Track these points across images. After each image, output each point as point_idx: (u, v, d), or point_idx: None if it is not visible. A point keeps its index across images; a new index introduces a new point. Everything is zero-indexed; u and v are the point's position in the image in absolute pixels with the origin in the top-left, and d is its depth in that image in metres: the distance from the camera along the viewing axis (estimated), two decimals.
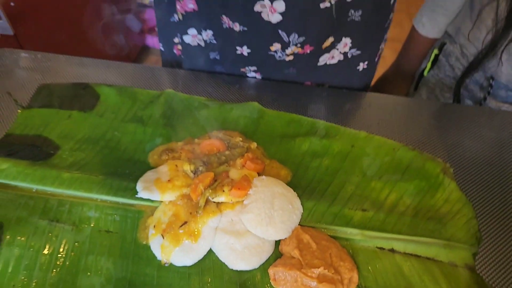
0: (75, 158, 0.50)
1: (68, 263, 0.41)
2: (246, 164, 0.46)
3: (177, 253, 0.41)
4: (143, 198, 0.45)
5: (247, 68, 0.63)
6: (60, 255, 0.42)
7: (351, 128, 0.53)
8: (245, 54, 0.59)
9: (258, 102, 0.56)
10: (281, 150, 0.51)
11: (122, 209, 0.45)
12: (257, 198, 0.42)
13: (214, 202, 0.43)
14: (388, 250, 0.42)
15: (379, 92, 0.64)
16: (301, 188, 0.46)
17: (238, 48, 0.58)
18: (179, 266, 0.41)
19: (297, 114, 0.55)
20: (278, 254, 0.42)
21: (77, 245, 0.43)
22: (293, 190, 0.45)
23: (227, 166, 0.46)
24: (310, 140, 0.51)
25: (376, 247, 0.42)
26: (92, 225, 0.44)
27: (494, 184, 0.49)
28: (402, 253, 0.41)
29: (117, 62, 0.66)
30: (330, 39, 0.56)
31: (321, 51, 0.58)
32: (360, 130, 0.52)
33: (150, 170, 0.48)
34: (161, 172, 0.47)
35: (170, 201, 0.44)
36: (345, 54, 0.59)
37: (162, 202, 0.44)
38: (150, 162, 0.50)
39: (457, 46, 0.69)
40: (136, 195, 0.45)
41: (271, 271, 0.39)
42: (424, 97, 0.77)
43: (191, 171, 0.45)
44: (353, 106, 0.58)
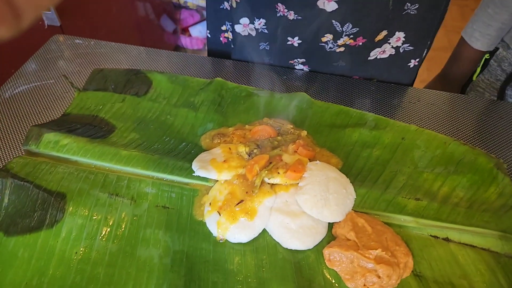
0: (131, 138, 0.53)
1: (127, 235, 0.43)
2: (298, 150, 0.47)
3: (233, 230, 0.42)
4: (199, 176, 0.46)
5: (296, 60, 0.64)
6: (119, 227, 0.43)
7: (400, 121, 0.53)
8: (295, 45, 0.60)
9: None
10: (330, 139, 0.52)
11: (177, 186, 0.47)
12: (312, 180, 0.43)
13: (268, 184, 0.45)
14: (442, 238, 0.42)
15: None
16: (352, 175, 0.47)
17: (289, 38, 0.60)
18: (234, 243, 0.42)
19: (344, 105, 0.56)
20: (331, 237, 0.42)
21: (135, 218, 0.44)
22: (345, 176, 0.46)
23: (280, 151, 0.47)
24: (359, 131, 0.52)
25: (430, 235, 0.42)
26: (149, 200, 0.46)
27: None
28: (456, 242, 0.41)
29: (166, 51, 0.68)
30: (384, 32, 0.57)
31: (373, 45, 0.59)
32: (409, 123, 0.53)
33: (203, 152, 0.50)
34: (215, 153, 0.48)
35: (226, 180, 0.45)
36: (397, 48, 0.60)
37: (218, 181, 0.46)
38: (202, 144, 0.52)
39: (510, 52, 0.68)
40: (192, 174, 0.47)
41: (326, 252, 0.40)
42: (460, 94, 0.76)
43: (246, 153, 0.46)
44: (401, 101, 0.58)
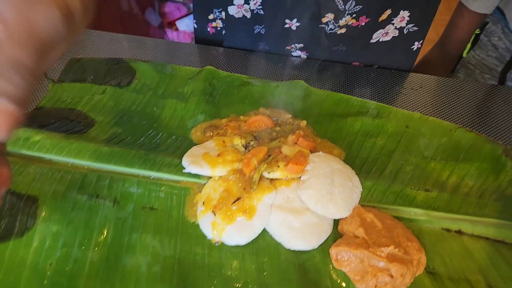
0: (113, 132, 0.47)
1: (110, 241, 0.38)
2: (298, 141, 0.44)
3: (229, 231, 0.38)
4: (190, 174, 0.42)
5: (293, 46, 0.60)
6: (101, 233, 0.39)
7: (403, 109, 0.50)
8: (293, 28, 0.56)
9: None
10: (331, 129, 0.48)
11: (166, 185, 0.42)
12: (316, 173, 0.39)
13: (267, 179, 0.41)
14: (455, 231, 0.39)
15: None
16: (356, 167, 0.43)
17: (287, 21, 0.56)
18: (232, 246, 0.38)
19: (344, 94, 0.52)
20: (337, 234, 0.39)
21: (119, 222, 0.39)
22: (350, 168, 0.42)
23: (279, 142, 0.43)
24: (361, 119, 0.48)
25: (442, 228, 0.39)
26: (135, 201, 0.41)
27: None
28: (470, 234, 0.39)
29: (151, 39, 0.63)
30: (388, 11, 0.54)
31: (376, 26, 0.55)
32: (412, 111, 0.50)
33: (194, 146, 0.45)
34: (208, 147, 0.44)
35: (221, 176, 0.41)
36: (400, 30, 0.57)
37: (211, 177, 0.41)
38: (193, 138, 0.47)
39: (499, 26, 0.66)
40: (183, 171, 0.42)
41: (333, 251, 0.36)
42: (461, 79, 0.74)
43: (242, 145, 0.42)
44: (403, 87, 0.55)
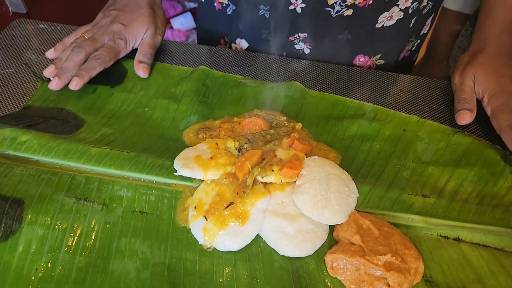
0: (103, 133, 0.46)
1: (98, 246, 0.37)
2: (293, 144, 0.43)
3: (222, 236, 0.36)
4: (182, 176, 0.41)
5: (297, 36, 0.59)
6: (89, 237, 0.37)
7: (400, 112, 0.49)
8: (298, 10, 0.55)
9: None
10: (327, 132, 0.47)
11: (157, 188, 0.41)
12: (311, 178, 0.38)
13: (261, 183, 0.40)
14: (453, 239, 0.38)
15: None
16: (352, 171, 0.42)
17: (292, 1, 0.54)
18: (224, 252, 0.37)
19: (340, 96, 0.51)
20: (332, 241, 0.38)
21: (108, 226, 0.38)
22: (346, 172, 0.41)
23: (273, 146, 0.42)
24: (358, 122, 0.47)
25: (439, 236, 0.38)
26: (124, 205, 0.40)
27: None
28: (468, 242, 0.38)
29: None
30: None
31: (382, 6, 0.54)
32: (409, 114, 0.49)
33: (186, 148, 0.44)
34: (200, 149, 0.43)
35: (213, 180, 0.40)
36: (405, 10, 0.55)
37: (204, 181, 0.40)
38: (185, 140, 0.46)
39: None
40: (174, 174, 0.41)
41: (329, 258, 0.35)
42: None
43: (236, 148, 0.41)
44: (400, 90, 0.54)
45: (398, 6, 0.55)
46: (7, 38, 0.61)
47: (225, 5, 0.64)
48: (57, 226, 0.38)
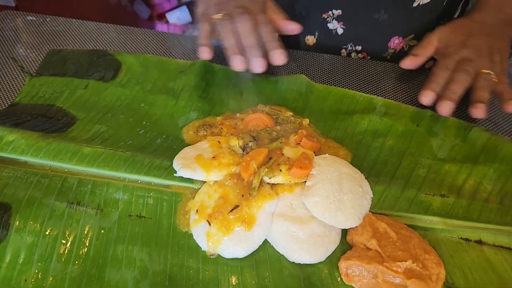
0: (96, 131, 0.43)
1: (92, 254, 0.34)
2: (301, 141, 0.40)
3: (226, 242, 0.34)
4: (182, 178, 0.38)
5: (330, 13, 0.55)
6: (82, 244, 0.34)
7: (412, 106, 0.47)
8: None
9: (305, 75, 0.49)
10: (335, 128, 0.44)
11: (156, 190, 0.38)
12: (323, 178, 0.35)
13: (268, 184, 0.37)
14: (475, 241, 0.36)
15: None
16: (364, 170, 0.39)
17: None
18: (229, 259, 0.34)
19: (349, 89, 0.48)
20: (345, 245, 0.35)
21: (103, 232, 0.35)
22: (359, 171, 0.39)
23: (280, 143, 0.39)
24: (369, 117, 0.45)
25: (460, 238, 0.36)
26: (120, 208, 0.37)
27: None
28: (491, 245, 0.35)
29: (139, 29, 0.58)
30: None
31: None
32: (421, 108, 0.46)
33: (186, 147, 0.41)
34: (201, 148, 0.40)
35: (216, 181, 0.37)
36: None
37: (206, 182, 0.37)
38: (185, 138, 0.43)
39: None
40: (173, 175, 0.38)
41: (343, 265, 0.33)
42: None
43: (240, 147, 0.38)
44: (411, 83, 0.51)
45: None
46: None
47: None
48: (47, 233, 0.35)
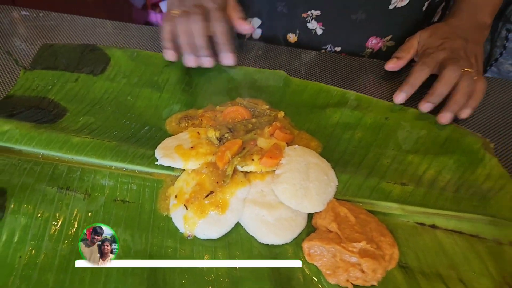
0: (85, 122, 0.46)
1: (80, 234, 0.37)
2: (275, 133, 0.43)
3: (201, 225, 0.37)
4: (163, 166, 0.41)
5: (310, 13, 0.58)
6: (71, 225, 0.38)
7: (384, 100, 0.49)
8: None
9: (284, 70, 0.52)
10: (309, 120, 0.47)
11: (139, 177, 0.41)
12: (291, 168, 0.39)
13: (241, 172, 0.40)
14: (429, 226, 0.39)
15: None
16: (333, 160, 0.43)
17: None
18: (204, 240, 0.38)
19: (325, 83, 0.51)
20: (310, 228, 0.39)
21: (90, 215, 0.39)
22: (326, 161, 0.42)
23: (254, 135, 0.42)
24: (341, 111, 0.47)
25: (416, 223, 0.39)
26: (106, 194, 0.40)
27: None
28: (443, 229, 0.39)
29: (127, 24, 0.61)
30: None
31: None
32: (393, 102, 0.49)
33: (167, 137, 0.44)
34: (181, 139, 0.43)
35: (194, 169, 0.40)
36: None
37: (185, 170, 0.40)
38: (168, 129, 0.46)
39: None
40: (155, 163, 0.41)
41: (306, 245, 0.36)
42: None
43: (216, 138, 0.41)
44: (384, 78, 0.54)
45: None
46: None
47: None
48: (39, 215, 0.38)
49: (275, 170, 0.39)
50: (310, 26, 0.61)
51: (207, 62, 0.49)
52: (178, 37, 0.47)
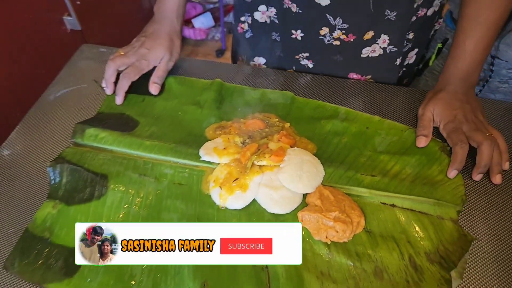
0: (152, 131, 0.67)
1: (153, 204, 0.57)
2: (281, 138, 0.60)
3: (230, 200, 0.56)
4: (205, 161, 0.60)
5: (301, 55, 0.73)
6: (147, 198, 0.58)
7: (368, 113, 0.65)
8: (298, 38, 0.69)
9: (291, 91, 0.69)
10: (308, 129, 0.64)
11: (189, 168, 0.61)
12: (290, 163, 0.56)
13: (257, 165, 0.58)
14: (389, 205, 0.55)
15: None
16: (323, 158, 0.59)
17: (293, 31, 0.68)
18: (232, 209, 0.56)
19: (322, 101, 0.68)
20: (304, 204, 0.56)
21: (159, 192, 0.59)
22: (317, 159, 0.59)
23: (267, 140, 0.60)
24: (332, 122, 0.64)
25: (380, 203, 0.55)
26: (168, 179, 0.60)
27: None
28: (400, 207, 0.54)
29: (181, 57, 0.81)
30: (371, 33, 0.64)
31: (363, 42, 0.66)
32: (373, 115, 0.64)
33: (207, 141, 0.63)
34: (217, 142, 0.62)
35: (225, 163, 0.59)
36: (384, 49, 0.68)
37: (219, 164, 0.60)
38: (207, 136, 0.65)
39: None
40: (200, 159, 0.60)
41: (300, 214, 0.54)
42: (430, 83, 0.88)
43: (241, 142, 0.60)
44: (367, 96, 0.69)
45: (378, 44, 0.67)
46: (77, 60, 0.82)
47: (245, 30, 0.80)
48: (128, 192, 0.59)
49: (280, 164, 0.57)
50: (302, 63, 0.76)
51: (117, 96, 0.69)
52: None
